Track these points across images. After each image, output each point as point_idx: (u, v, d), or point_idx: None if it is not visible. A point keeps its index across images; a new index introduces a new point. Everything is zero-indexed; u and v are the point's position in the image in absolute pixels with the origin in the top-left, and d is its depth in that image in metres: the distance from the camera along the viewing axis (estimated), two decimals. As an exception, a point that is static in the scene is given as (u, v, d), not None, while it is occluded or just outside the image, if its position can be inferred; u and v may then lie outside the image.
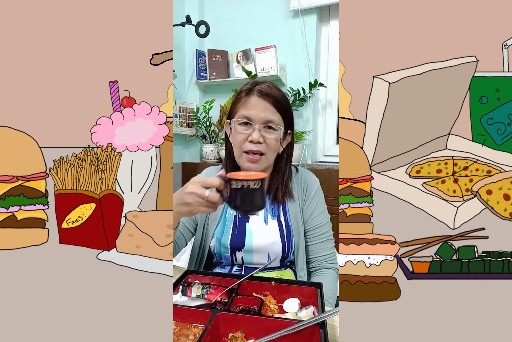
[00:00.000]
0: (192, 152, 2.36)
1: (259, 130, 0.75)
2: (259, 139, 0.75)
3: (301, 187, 0.88)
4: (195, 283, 0.57)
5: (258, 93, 0.76)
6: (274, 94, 0.76)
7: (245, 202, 0.57)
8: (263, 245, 0.80)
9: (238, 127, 0.77)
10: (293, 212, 0.84)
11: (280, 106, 0.77)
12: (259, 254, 0.81)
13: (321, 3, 1.86)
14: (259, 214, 0.84)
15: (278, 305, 0.56)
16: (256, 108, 0.75)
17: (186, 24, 1.98)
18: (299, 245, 0.83)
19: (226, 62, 2.19)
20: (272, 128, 0.77)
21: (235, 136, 0.78)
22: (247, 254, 0.81)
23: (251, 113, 0.75)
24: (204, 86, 2.32)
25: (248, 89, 0.78)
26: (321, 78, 2.00)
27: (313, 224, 0.85)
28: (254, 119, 0.75)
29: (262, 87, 0.76)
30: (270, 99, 0.76)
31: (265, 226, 0.83)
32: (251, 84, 0.79)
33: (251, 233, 0.82)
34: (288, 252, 0.81)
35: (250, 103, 0.76)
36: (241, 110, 0.77)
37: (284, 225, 0.83)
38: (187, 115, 2.23)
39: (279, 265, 0.83)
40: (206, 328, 0.45)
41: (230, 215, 0.85)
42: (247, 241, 0.81)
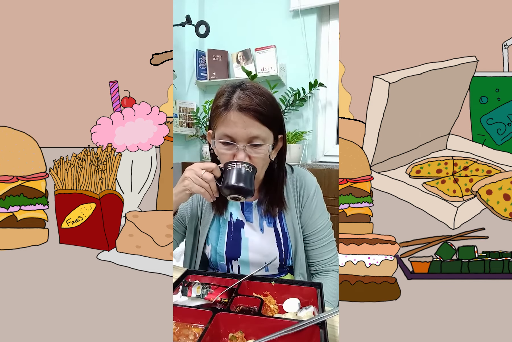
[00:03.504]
0: (192, 152, 2.36)
1: (244, 149, 0.67)
2: (245, 159, 0.67)
3: (296, 190, 0.82)
4: (195, 283, 0.57)
5: (238, 107, 0.65)
6: (256, 107, 0.65)
7: (237, 180, 0.63)
8: (260, 256, 0.78)
9: (220, 146, 0.68)
10: (289, 218, 0.80)
11: (265, 118, 0.66)
12: (256, 265, 0.79)
13: (321, 3, 1.86)
14: (254, 221, 0.81)
15: (278, 305, 0.56)
16: (237, 125, 0.65)
17: (186, 24, 1.98)
18: (297, 251, 0.80)
19: (226, 62, 2.19)
20: (259, 145, 0.68)
21: (219, 155, 0.71)
22: (243, 264, 0.80)
23: (232, 131, 0.66)
24: (204, 86, 2.32)
25: (226, 103, 0.66)
26: (321, 78, 2.00)
27: (313, 229, 0.81)
28: (236, 138, 0.66)
29: (242, 100, 0.65)
30: (252, 113, 0.65)
31: (262, 235, 0.80)
32: (228, 95, 0.67)
33: (247, 241, 0.79)
34: (286, 260, 0.80)
35: (229, 120, 0.65)
36: (221, 128, 0.67)
37: (281, 232, 0.80)
38: (187, 115, 2.23)
39: (277, 272, 0.81)
40: (206, 328, 0.45)
41: (224, 220, 0.82)
42: (243, 250, 0.79)
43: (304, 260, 0.82)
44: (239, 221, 0.81)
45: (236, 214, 0.82)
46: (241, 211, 0.82)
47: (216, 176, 0.65)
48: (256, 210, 0.82)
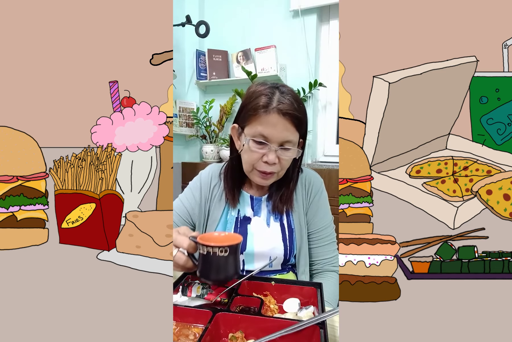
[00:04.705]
0: (192, 152, 2.36)
1: (276, 151, 0.70)
2: (275, 160, 0.70)
3: (305, 189, 0.85)
4: (195, 283, 0.57)
5: (279, 111, 0.68)
6: (296, 113, 0.69)
7: (208, 270, 0.51)
8: (265, 249, 0.79)
9: (253, 145, 0.71)
10: (297, 215, 0.83)
11: (300, 124, 0.71)
12: (261, 258, 0.80)
13: (321, 3, 1.86)
14: (262, 215, 0.83)
15: (278, 305, 0.56)
16: (275, 128, 0.68)
17: (186, 24, 1.98)
18: (301, 248, 0.82)
19: (226, 62, 2.19)
20: (289, 149, 0.71)
21: (248, 153, 0.72)
22: (248, 257, 0.80)
23: (269, 133, 0.68)
24: (204, 86, 2.32)
25: (266, 105, 0.68)
26: (321, 78, 2.00)
27: (317, 227, 0.84)
28: (271, 140, 0.69)
29: (283, 105, 0.68)
30: (291, 118, 0.68)
31: (267, 229, 0.82)
32: (269, 96, 0.69)
33: (253, 236, 0.81)
34: (290, 256, 0.81)
35: (268, 121, 0.68)
36: (258, 127, 0.69)
37: (287, 228, 0.82)
38: (187, 115, 2.23)
39: (280, 269, 0.82)
40: (206, 328, 0.45)
41: (231, 217, 0.83)
42: (249, 244, 0.80)
43: (308, 258, 0.83)
44: (246, 217, 0.83)
45: (244, 210, 0.84)
46: (250, 206, 0.84)
47: (190, 252, 0.55)
48: (264, 204, 0.84)
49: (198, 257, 0.53)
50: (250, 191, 0.86)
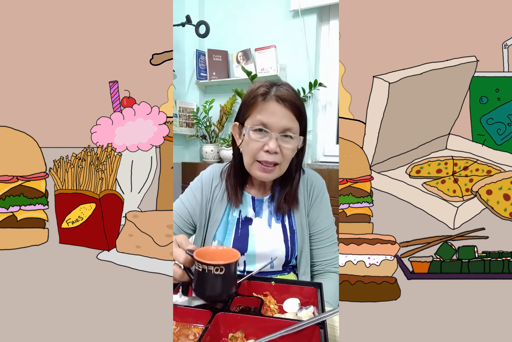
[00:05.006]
0: (192, 152, 2.36)
1: (276, 139, 0.70)
2: (276, 149, 0.70)
3: (307, 190, 0.85)
4: (195, 283, 0.57)
5: (277, 98, 0.69)
6: (294, 100, 0.70)
7: (203, 287, 0.50)
8: (266, 250, 0.79)
9: (253, 134, 0.71)
10: (298, 216, 0.82)
11: (299, 113, 0.72)
12: (262, 259, 0.79)
13: (321, 3, 1.86)
14: (263, 216, 0.82)
15: (278, 305, 0.56)
16: (274, 115, 0.69)
17: (186, 24, 1.98)
18: (302, 249, 0.81)
19: (226, 62, 2.19)
20: (290, 137, 0.71)
21: (249, 143, 0.72)
22: (249, 258, 0.80)
23: (269, 120, 0.69)
24: (204, 86, 2.32)
25: (265, 93, 0.70)
26: (321, 78, 2.00)
27: (318, 228, 0.83)
28: (271, 127, 0.69)
29: (281, 92, 0.70)
30: (290, 106, 0.69)
31: (269, 230, 0.81)
32: (267, 87, 0.72)
33: (254, 237, 0.80)
34: (291, 257, 0.80)
35: (267, 108, 0.69)
36: (257, 116, 0.70)
37: (289, 229, 0.82)
38: (187, 115, 2.23)
39: (281, 270, 0.82)
40: (206, 328, 0.45)
41: (233, 217, 0.83)
42: (250, 245, 0.79)
43: (309, 259, 0.83)
44: (248, 218, 0.83)
45: (245, 211, 0.83)
46: (251, 207, 0.83)
47: (187, 267, 0.53)
48: (266, 205, 0.84)
49: (194, 271, 0.52)
50: (251, 192, 0.85)
